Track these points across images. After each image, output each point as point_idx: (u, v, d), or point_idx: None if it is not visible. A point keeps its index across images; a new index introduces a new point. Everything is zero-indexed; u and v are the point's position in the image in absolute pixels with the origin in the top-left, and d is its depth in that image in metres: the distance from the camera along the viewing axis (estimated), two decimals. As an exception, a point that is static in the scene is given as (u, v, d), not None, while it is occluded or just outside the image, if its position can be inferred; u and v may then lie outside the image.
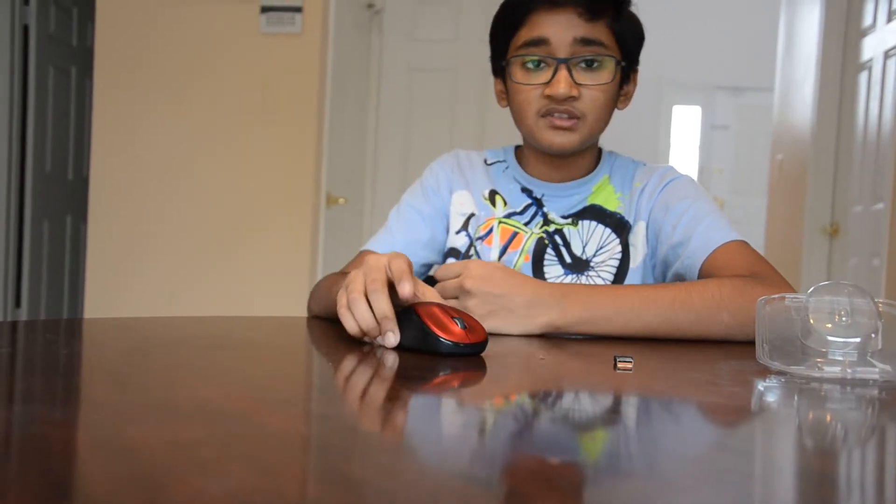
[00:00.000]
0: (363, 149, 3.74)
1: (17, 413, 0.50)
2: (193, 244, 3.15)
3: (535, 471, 0.42)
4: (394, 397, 0.63)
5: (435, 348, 0.76)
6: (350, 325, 0.82)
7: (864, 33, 3.69)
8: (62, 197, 4.24)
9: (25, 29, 3.89)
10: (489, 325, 0.91)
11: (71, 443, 0.44)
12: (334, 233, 3.32)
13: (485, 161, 1.26)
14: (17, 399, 0.55)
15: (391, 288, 0.82)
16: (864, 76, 3.65)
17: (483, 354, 0.78)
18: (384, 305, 0.79)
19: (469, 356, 0.77)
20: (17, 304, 4.04)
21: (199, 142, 3.13)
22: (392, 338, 0.79)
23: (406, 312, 0.81)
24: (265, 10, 3.06)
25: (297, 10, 3.05)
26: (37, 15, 3.88)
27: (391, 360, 0.75)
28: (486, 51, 1.22)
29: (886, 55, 3.42)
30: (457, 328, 0.77)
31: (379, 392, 0.66)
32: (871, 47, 3.59)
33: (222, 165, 3.13)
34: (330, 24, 3.14)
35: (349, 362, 0.78)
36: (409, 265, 0.82)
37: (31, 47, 3.89)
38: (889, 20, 3.42)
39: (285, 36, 3.08)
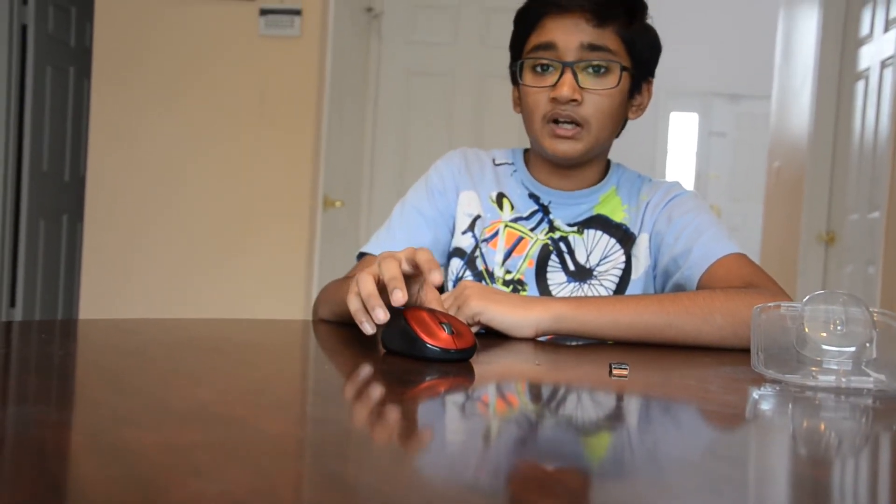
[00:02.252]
0: (361, 152, 3.74)
1: (12, 414, 0.50)
2: (190, 245, 3.15)
3: (530, 477, 0.43)
4: (388, 402, 0.63)
5: (421, 353, 0.76)
6: (354, 306, 0.82)
7: (861, 42, 3.70)
8: (58, 196, 4.23)
9: (24, 28, 3.89)
10: (487, 312, 0.92)
11: (66, 444, 0.44)
12: (331, 236, 3.31)
13: (493, 161, 1.25)
14: (11, 400, 0.55)
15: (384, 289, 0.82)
16: (860, 85, 3.66)
17: (473, 361, 0.78)
18: (394, 270, 0.80)
19: (457, 362, 0.76)
20: (13, 303, 4.03)
21: (197, 143, 3.13)
22: (381, 313, 0.78)
23: (395, 317, 0.81)
24: (264, 12, 3.07)
25: (297, 13, 3.06)
26: (35, 15, 3.88)
27: (385, 364, 0.75)
28: (483, 55, 1.23)
29: (883, 64, 3.43)
30: (444, 334, 0.77)
31: (373, 396, 0.66)
32: (868, 56, 3.60)
33: (220, 167, 3.13)
34: (329, 28, 3.15)
35: (344, 366, 0.78)
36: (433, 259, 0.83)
37: (29, 47, 3.88)
38: (886, 30, 3.44)
39: (284, 39, 3.08)
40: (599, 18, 1.09)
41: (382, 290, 0.81)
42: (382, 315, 0.78)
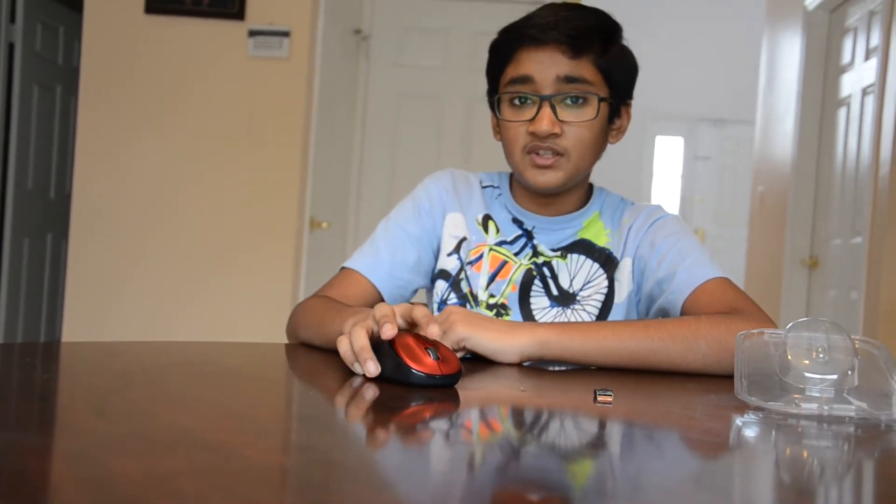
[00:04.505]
0: (348, 173, 3.75)
1: (-7, 440, 0.49)
2: (176, 266, 3.13)
3: (513, 507, 0.43)
4: (373, 429, 0.63)
5: (407, 379, 0.76)
6: (344, 348, 0.83)
7: (842, 70, 3.75)
8: (43, 214, 4.21)
9: (11, 47, 3.88)
10: (473, 338, 0.93)
11: (47, 472, 0.44)
12: (317, 257, 3.31)
13: (480, 183, 1.26)
14: (-7, 425, 0.55)
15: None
16: (843, 112, 3.71)
17: (458, 386, 0.78)
18: (362, 339, 0.81)
19: (442, 387, 0.76)
20: (-6, 322, 3.99)
21: (184, 163, 3.13)
22: (372, 366, 0.79)
23: (381, 342, 0.81)
24: (253, 33, 3.08)
25: (285, 34, 3.07)
26: (23, 33, 3.87)
27: (369, 390, 0.75)
28: (471, 79, 1.24)
29: (864, 92, 3.48)
30: (429, 359, 0.77)
31: (358, 423, 0.66)
32: (850, 84, 3.65)
33: (206, 187, 3.13)
34: (317, 49, 3.16)
35: (328, 392, 0.78)
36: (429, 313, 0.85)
37: (15, 65, 3.87)
38: (867, 58, 3.49)
39: (273, 60, 3.09)
40: (575, 50, 1.09)
41: (374, 338, 0.82)
42: (374, 369, 0.79)
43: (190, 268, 3.13)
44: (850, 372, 0.72)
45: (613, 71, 1.13)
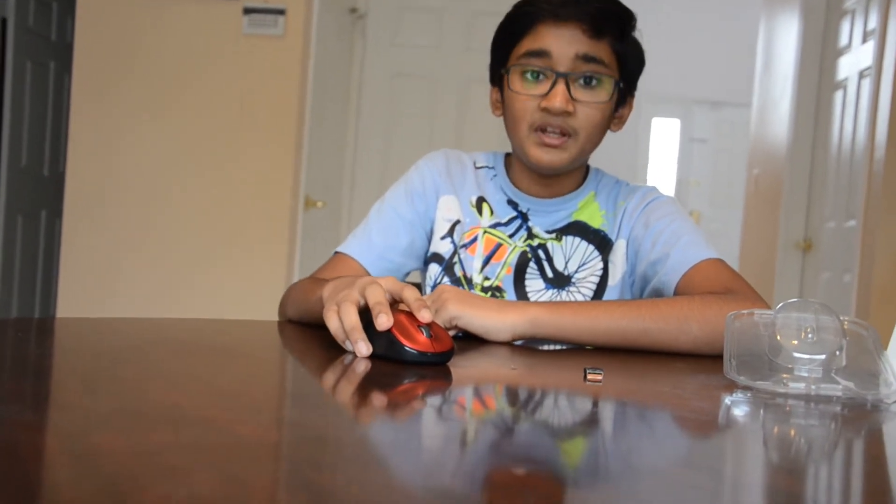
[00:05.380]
0: (342, 153, 3.74)
1: (-17, 415, 0.49)
2: (170, 244, 3.13)
3: (500, 482, 0.43)
4: (364, 405, 0.63)
5: (400, 356, 0.76)
6: (334, 325, 0.82)
7: (839, 53, 3.74)
8: (37, 192, 4.19)
9: (3, 22, 3.85)
10: (465, 316, 0.93)
11: (38, 447, 0.44)
12: (312, 236, 3.31)
13: (474, 164, 1.25)
14: (-16, 400, 0.55)
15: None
16: (839, 95, 3.71)
17: (451, 364, 0.78)
18: (353, 318, 0.80)
19: (434, 365, 0.77)
20: (-11, 300, 3.98)
21: (178, 141, 3.11)
22: (363, 347, 0.78)
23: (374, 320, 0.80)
24: (248, 11, 3.05)
25: (280, 12, 3.05)
26: (16, 8, 3.84)
27: (360, 367, 0.75)
28: (467, 60, 1.23)
29: (861, 75, 3.48)
30: (422, 337, 0.77)
31: (348, 400, 0.66)
32: (847, 67, 3.65)
33: (201, 165, 3.11)
34: (312, 28, 3.14)
35: (320, 369, 0.78)
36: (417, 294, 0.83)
37: (8, 40, 3.84)
38: (864, 41, 3.48)
39: (267, 38, 3.07)
40: (596, 30, 1.08)
41: (363, 310, 0.81)
42: (365, 349, 0.78)
43: (184, 247, 3.12)
44: (837, 352, 0.73)
45: (626, 57, 1.13)
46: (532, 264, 1.16)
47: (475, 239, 1.18)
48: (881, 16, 3.24)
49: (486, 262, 1.17)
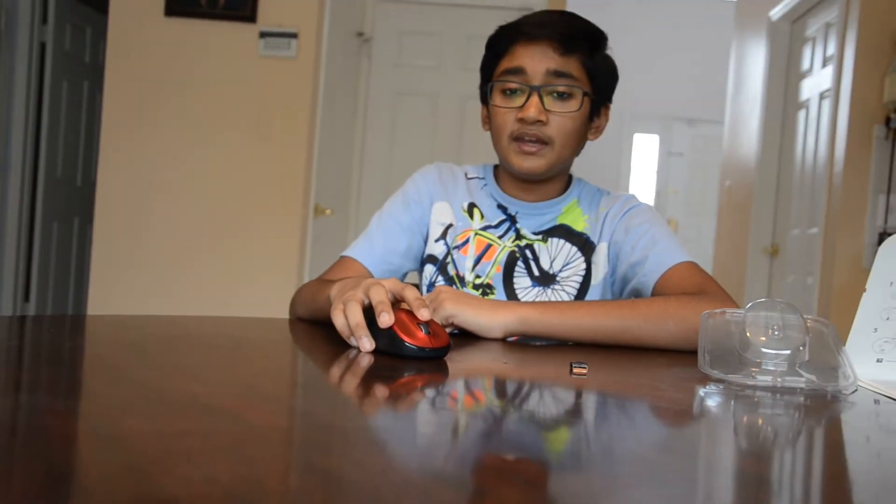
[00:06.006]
0: (350, 164, 3.73)
1: (21, 402, 0.49)
2: (190, 248, 3.12)
3: (492, 467, 0.43)
4: (367, 396, 0.63)
5: (400, 351, 0.76)
6: (340, 322, 0.82)
7: (802, 76, 3.75)
8: (71, 200, 4.19)
9: (42, 46, 3.85)
10: (461, 315, 0.92)
11: (69, 432, 0.44)
12: (321, 241, 3.30)
13: (465, 175, 1.25)
14: (22, 389, 0.55)
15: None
16: (802, 114, 3.71)
17: (447, 358, 0.78)
18: (357, 316, 0.80)
19: (432, 359, 0.76)
20: (27, 298, 3.98)
21: (198, 154, 3.11)
22: (367, 343, 0.78)
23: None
24: (263, 35, 3.06)
25: (293, 35, 3.05)
26: (54, 33, 3.84)
27: (364, 361, 0.75)
28: (464, 78, 1.23)
29: (822, 96, 3.48)
30: (421, 334, 0.77)
31: (353, 391, 0.66)
32: (809, 89, 3.65)
33: (218, 176, 3.11)
34: (322, 50, 3.14)
35: (328, 363, 0.78)
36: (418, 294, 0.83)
37: (47, 63, 3.84)
38: (824, 65, 3.48)
39: (281, 59, 3.07)
40: (565, 48, 1.09)
41: (367, 309, 0.81)
42: (369, 345, 0.78)
43: (203, 250, 3.12)
44: (801, 347, 0.72)
45: (597, 73, 1.13)
46: (520, 263, 1.16)
47: (467, 241, 1.18)
48: (839, 43, 3.25)
49: (478, 261, 1.17)
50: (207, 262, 3.12)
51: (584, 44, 1.10)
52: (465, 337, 0.94)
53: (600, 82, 1.14)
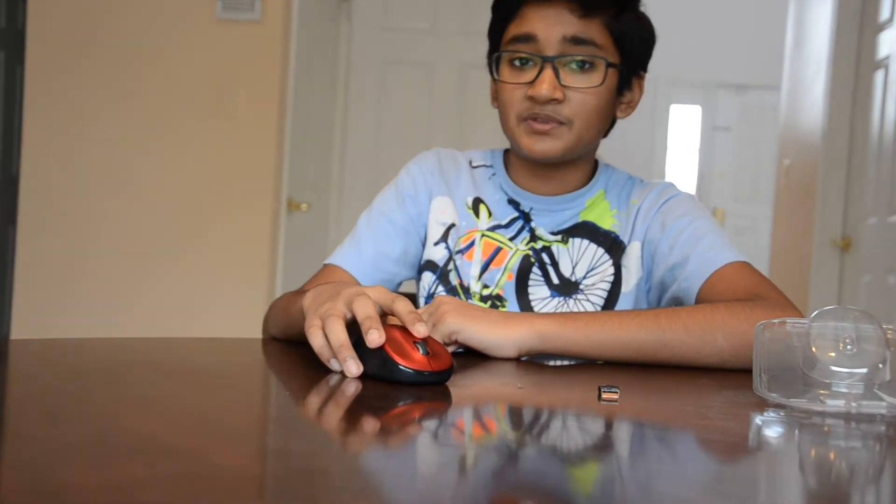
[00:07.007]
0: (329, 150, 3.74)
1: (-64, 449, 0.49)
2: (138, 254, 3.13)
3: (509, 516, 0.43)
4: (355, 431, 0.64)
5: (393, 376, 0.76)
6: (319, 343, 0.81)
7: (880, 28, 3.74)
8: (-11, 198, 4.20)
9: (-51, 9, 3.86)
10: (466, 330, 0.92)
11: (-3, 484, 0.44)
12: (296, 242, 3.31)
13: (469, 163, 1.25)
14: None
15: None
16: (879, 75, 3.71)
17: (450, 383, 0.78)
18: (341, 334, 0.80)
19: (432, 385, 0.77)
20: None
21: (146, 139, 3.12)
22: (353, 366, 0.78)
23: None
24: (221, -7, 3.06)
25: (257, -6, 3.06)
26: (-38, -6, 3.85)
27: (350, 388, 0.76)
28: (464, 43, 1.24)
29: (903, 53, 3.48)
30: (418, 354, 0.77)
31: (337, 426, 0.66)
32: (889, 43, 3.64)
33: (171, 166, 3.12)
34: (293, 11, 3.15)
35: (306, 391, 0.78)
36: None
37: (-45, 30, 3.85)
38: (906, 15, 3.48)
39: (244, 23, 3.08)
40: (585, 9, 1.09)
41: (350, 324, 0.81)
42: (356, 369, 0.78)
43: (154, 255, 3.13)
44: (881, 365, 0.73)
45: (626, 36, 1.13)
46: (535, 269, 1.16)
47: (472, 243, 1.19)
48: (924, -12, 3.24)
49: (485, 268, 1.17)
50: (160, 271, 3.12)
51: (608, 2, 1.10)
52: (471, 357, 0.94)
53: (630, 48, 1.14)
